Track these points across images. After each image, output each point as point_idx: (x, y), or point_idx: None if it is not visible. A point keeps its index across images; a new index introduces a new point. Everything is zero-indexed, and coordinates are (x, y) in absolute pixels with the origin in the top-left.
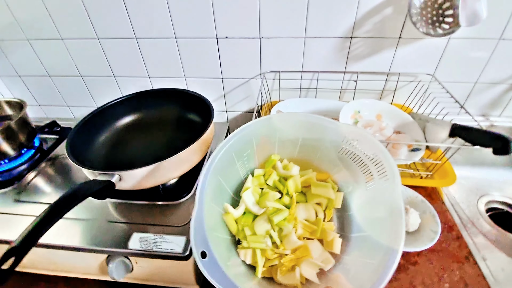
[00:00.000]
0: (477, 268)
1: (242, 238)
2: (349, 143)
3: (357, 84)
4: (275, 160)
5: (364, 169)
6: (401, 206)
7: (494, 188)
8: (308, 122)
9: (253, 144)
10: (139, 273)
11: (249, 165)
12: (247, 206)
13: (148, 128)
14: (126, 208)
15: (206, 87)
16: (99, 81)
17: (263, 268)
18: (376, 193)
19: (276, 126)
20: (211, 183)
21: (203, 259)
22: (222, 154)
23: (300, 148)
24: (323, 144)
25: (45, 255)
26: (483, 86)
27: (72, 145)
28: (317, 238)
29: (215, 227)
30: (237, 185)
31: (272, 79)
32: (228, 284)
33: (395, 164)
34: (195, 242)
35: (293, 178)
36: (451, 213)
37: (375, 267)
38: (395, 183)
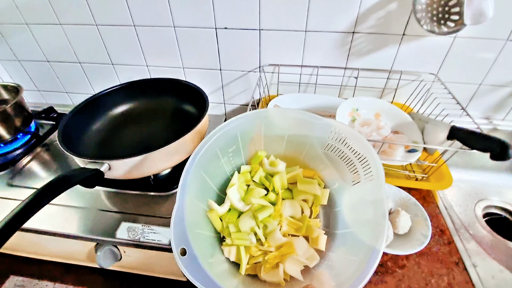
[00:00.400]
0: (466, 274)
1: (227, 235)
2: (336, 139)
3: (357, 81)
4: (261, 157)
5: (351, 168)
6: (384, 206)
7: (493, 193)
8: (295, 118)
9: (239, 140)
10: (128, 262)
11: (235, 161)
12: (232, 202)
13: (143, 117)
14: (118, 197)
15: (204, 78)
16: (97, 68)
17: (247, 265)
18: (362, 191)
19: (262, 122)
20: (194, 180)
21: (183, 256)
22: (206, 150)
23: (287, 144)
24: (310, 141)
25: (35, 240)
26: (487, 88)
27: (65, 132)
28: (302, 235)
29: (198, 224)
30: (223, 182)
31: (271, 73)
32: (208, 282)
33: (381, 164)
34: (174, 239)
35: (279, 175)
36: (444, 217)
37: (357, 265)
38: (380, 182)
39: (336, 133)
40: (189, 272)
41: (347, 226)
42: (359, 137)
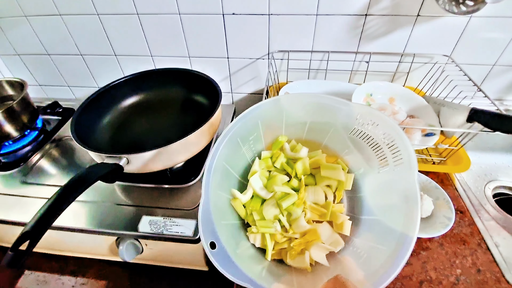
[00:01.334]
0: (489, 254)
1: (251, 222)
2: (362, 124)
3: (369, 65)
4: (282, 142)
5: (378, 153)
6: (417, 193)
7: (502, 173)
8: (317, 103)
9: (259, 127)
10: (149, 254)
11: (256, 147)
12: (254, 190)
13: (153, 109)
14: (133, 191)
15: (211, 67)
16: (99, 60)
17: (273, 251)
18: (390, 178)
19: (283, 108)
20: (217, 171)
21: (213, 250)
22: (227, 140)
23: (309, 130)
24: (334, 126)
25: (54, 236)
26: (501, 69)
27: (77, 127)
28: (326, 220)
29: (223, 214)
30: (244, 169)
31: (280, 59)
32: (238, 273)
33: (412, 150)
34: (203, 233)
35: (301, 161)
36: (463, 199)
37: (389, 254)
38: (412, 169)
39: (363, 118)
40: (220, 265)
41: (372, 212)
42: (388, 121)
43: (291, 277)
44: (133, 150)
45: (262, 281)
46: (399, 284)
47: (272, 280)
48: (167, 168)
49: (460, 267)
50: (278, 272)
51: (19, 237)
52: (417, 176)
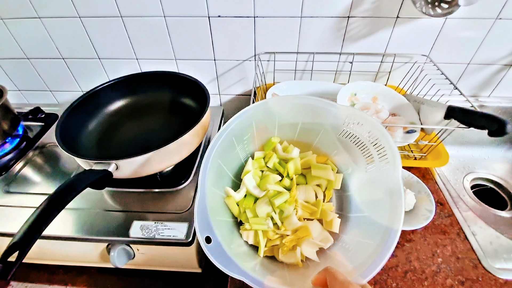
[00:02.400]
0: (467, 243)
1: (244, 220)
2: (349, 125)
3: (352, 65)
4: (275, 143)
5: (364, 152)
6: (401, 187)
7: (479, 166)
8: (307, 105)
9: (253, 128)
10: (141, 259)
11: (249, 148)
12: (248, 189)
13: (140, 113)
14: (123, 196)
15: (198, 69)
16: (83, 64)
17: (265, 248)
18: (376, 175)
19: (275, 110)
20: (212, 168)
21: (208, 244)
22: (223, 139)
23: (300, 131)
24: (323, 127)
25: (41, 245)
26: (475, 67)
27: (62, 134)
28: (316, 218)
29: (218, 211)
30: (238, 168)
31: (267, 61)
32: (233, 267)
33: (396, 147)
34: (199, 228)
35: (293, 161)
36: (443, 192)
37: (375, 247)
38: (396, 165)
39: (349, 119)
40: (216, 259)
41: (360, 209)
42: (372, 121)
43: (284, 272)
44: (121, 155)
45: (256, 275)
46: (385, 275)
47: (265, 274)
48: (157, 172)
49: (441, 256)
50: (271, 268)
51: (7, 248)
52: (400, 171)
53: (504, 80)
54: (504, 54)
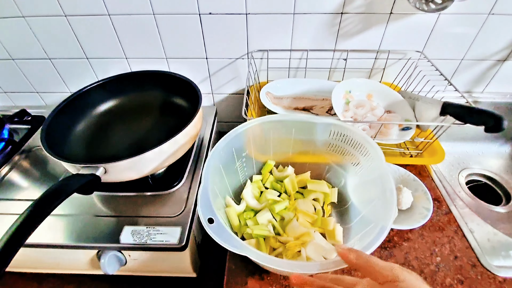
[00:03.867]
0: (465, 241)
1: (245, 233)
2: (335, 138)
3: (346, 62)
4: (271, 165)
5: (351, 158)
6: (391, 182)
7: (474, 161)
8: (296, 122)
9: (251, 144)
10: (134, 265)
11: (248, 171)
12: (247, 203)
13: (130, 114)
14: (113, 200)
15: (190, 68)
16: (70, 64)
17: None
18: (365, 175)
19: (268, 128)
20: (214, 170)
21: (211, 224)
22: (225, 146)
23: (294, 150)
24: (315, 144)
25: (28, 254)
26: (469, 63)
27: (48, 137)
28: (318, 227)
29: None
30: (237, 188)
31: (260, 59)
32: (236, 243)
33: (376, 145)
34: (201, 210)
35: (289, 177)
36: (440, 189)
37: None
38: (381, 162)
39: (335, 131)
40: (219, 237)
41: (359, 212)
42: (354, 130)
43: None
44: (110, 159)
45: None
46: None
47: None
48: (148, 175)
49: (440, 255)
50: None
51: None
52: (386, 167)
53: (497, 75)
54: (497, 49)
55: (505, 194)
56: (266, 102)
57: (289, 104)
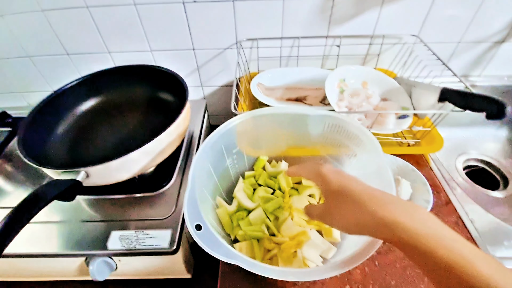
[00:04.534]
0: (466, 231)
1: (238, 234)
2: (329, 130)
3: (340, 49)
4: (264, 161)
5: (347, 150)
6: (390, 176)
7: (471, 146)
8: (288, 115)
9: (241, 141)
10: (125, 269)
11: (240, 167)
12: (240, 202)
13: (114, 112)
14: (100, 204)
15: (177, 61)
16: (51, 62)
17: (263, 261)
18: (362, 167)
19: (260, 122)
20: (202, 171)
21: (198, 231)
22: (213, 144)
23: (288, 145)
24: (308, 138)
25: (15, 264)
26: (466, 46)
27: (25, 140)
28: (314, 225)
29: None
30: (228, 186)
31: (250, 48)
32: (226, 252)
33: (375, 138)
34: (188, 215)
35: (283, 173)
36: (439, 179)
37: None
38: (378, 154)
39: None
40: (207, 245)
41: None
42: (348, 121)
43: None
44: (93, 162)
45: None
46: (383, 272)
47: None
48: (135, 176)
49: None
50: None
51: None
52: (384, 159)
53: (494, 58)
54: (495, 31)
55: (502, 178)
56: (257, 94)
57: (282, 95)
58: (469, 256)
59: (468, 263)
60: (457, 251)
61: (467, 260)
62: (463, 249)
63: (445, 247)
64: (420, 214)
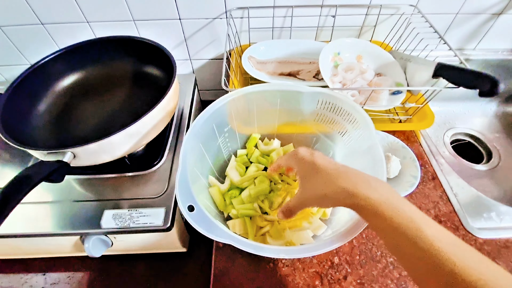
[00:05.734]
0: (450, 205)
1: (231, 212)
2: (322, 107)
3: (335, 20)
4: (256, 139)
5: (339, 128)
6: (381, 154)
7: (460, 120)
8: (281, 91)
9: (233, 119)
10: (120, 245)
11: (232, 145)
12: (232, 180)
13: (98, 88)
14: (91, 184)
15: (163, 32)
16: (24, 32)
17: (255, 237)
18: (354, 145)
19: (251, 99)
20: (194, 151)
21: (191, 212)
22: (204, 123)
23: (280, 122)
24: (302, 114)
25: (9, 243)
26: (463, 18)
27: (5, 119)
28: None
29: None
30: (220, 165)
31: (240, 18)
32: (218, 232)
33: (367, 116)
34: (180, 197)
35: (275, 151)
36: (427, 154)
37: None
38: (370, 132)
39: (323, 100)
40: (199, 226)
41: None
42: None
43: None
44: (80, 142)
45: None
46: (370, 244)
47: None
48: (125, 155)
49: None
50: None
51: None
52: (375, 136)
53: (490, 31)
54: (493, 2)
55: (486, 152)
56: (248, 68)
57: (274, 69)
58: (415, 220)
59: (414, 225)
60: (405, 214)
61: (414, 222)
62: (412, 213)
63: (393, 210)
64: (377, 185)
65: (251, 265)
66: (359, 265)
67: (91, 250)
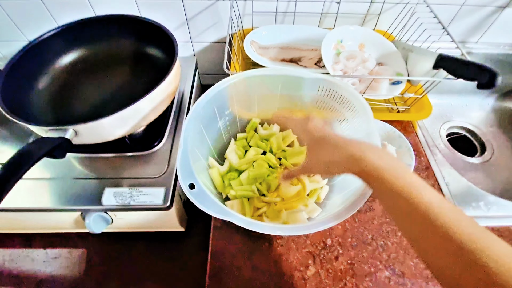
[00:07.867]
0: (440, 193)
1: (229, 193)
2: (323, 93)
3: (339, 6)
4: (256, 123)
5: (339, 116)
6: (378, 142)
7: (457, 114)
8: (282, 76)
9: (234, 102)
10: (120, 223)
11: (232, 129)
12: (231, 163)
13: (99, 66)
14: (92, 162)
15: (164, 12)
16: (22, 7)
17: (252, 218)
18: (352, 133)
19: (252, 83)
20: (195, 131)
21: (192, 189)
22: (206, 104)
23: (281, 104)
24: (301, 100)
25: (11, 217)
26: (468, 9)
27: (5, 95)
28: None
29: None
30: (220, 148)
31: (244, 1)
32: (218, 209)
33: (367, 104)
34: (182, 174)
35: (275, 136)
36: (422, 145)
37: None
38: (369, 121)
39: (323, 87)
40: (201, 203)
41: None
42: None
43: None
44: (81, 119)
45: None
46: (362, 228)
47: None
48: (125, 136)
49: None
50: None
51: None
52: (374, 124)
53: (494, 24)
54: None
55: (480, 145)
56: (250, 53)
57: (276, 55)
58: (415, 186)
59: (414, 190)
60: (405, 180)
61: (413, 187)
62: (413, 180)
63: (396, 177)
64: (383, 154)
65: (247, 244)
66: (350, 247)
67: (92, 226)
